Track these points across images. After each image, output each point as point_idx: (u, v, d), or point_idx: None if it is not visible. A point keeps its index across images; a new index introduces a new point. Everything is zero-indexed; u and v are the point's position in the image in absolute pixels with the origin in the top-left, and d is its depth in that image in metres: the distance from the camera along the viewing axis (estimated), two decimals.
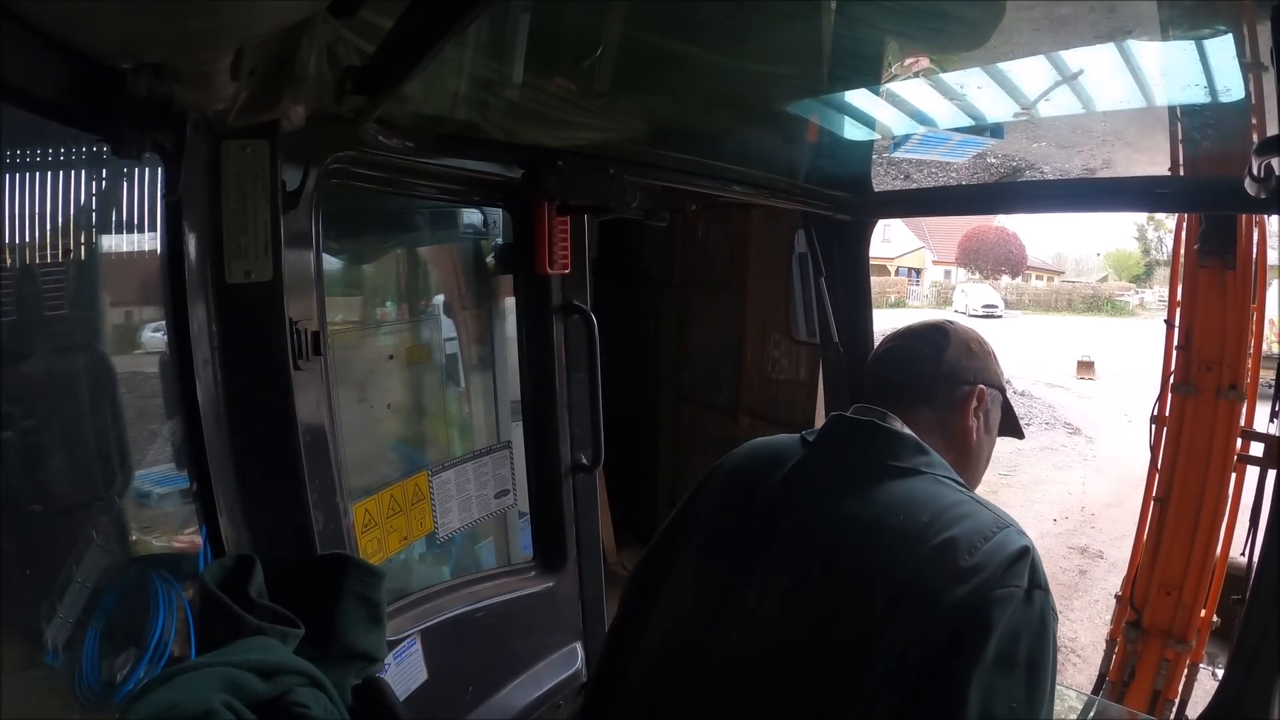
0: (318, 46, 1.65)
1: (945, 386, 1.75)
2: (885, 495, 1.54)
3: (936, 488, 1.55)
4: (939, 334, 1.80)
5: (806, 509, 1.61)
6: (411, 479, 2.75)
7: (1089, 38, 1.90)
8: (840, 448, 1.69)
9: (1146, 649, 4.58)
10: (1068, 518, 13.36)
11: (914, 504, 1.50)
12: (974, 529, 1.43)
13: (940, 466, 1.61)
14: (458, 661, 2.70)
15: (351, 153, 2.16)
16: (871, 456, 1.62)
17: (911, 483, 1.56)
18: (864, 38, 2.16)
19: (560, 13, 2.05)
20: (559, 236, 2.87)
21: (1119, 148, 2.68)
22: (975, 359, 1.80)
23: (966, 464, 1.76)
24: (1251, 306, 4.29)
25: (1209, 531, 4.40)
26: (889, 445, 1.63)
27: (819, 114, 2.66)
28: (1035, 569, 1.41)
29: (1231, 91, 1.96)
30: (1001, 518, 1.48)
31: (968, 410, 1.75)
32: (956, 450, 1.74)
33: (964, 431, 1.75)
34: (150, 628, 1.90)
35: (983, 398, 1.78)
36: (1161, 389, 4.59)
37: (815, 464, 1.68)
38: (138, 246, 2.14)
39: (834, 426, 1.74)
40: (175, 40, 1.39)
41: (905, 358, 1.80)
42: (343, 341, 2.62)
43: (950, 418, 1.75)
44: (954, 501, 1.50)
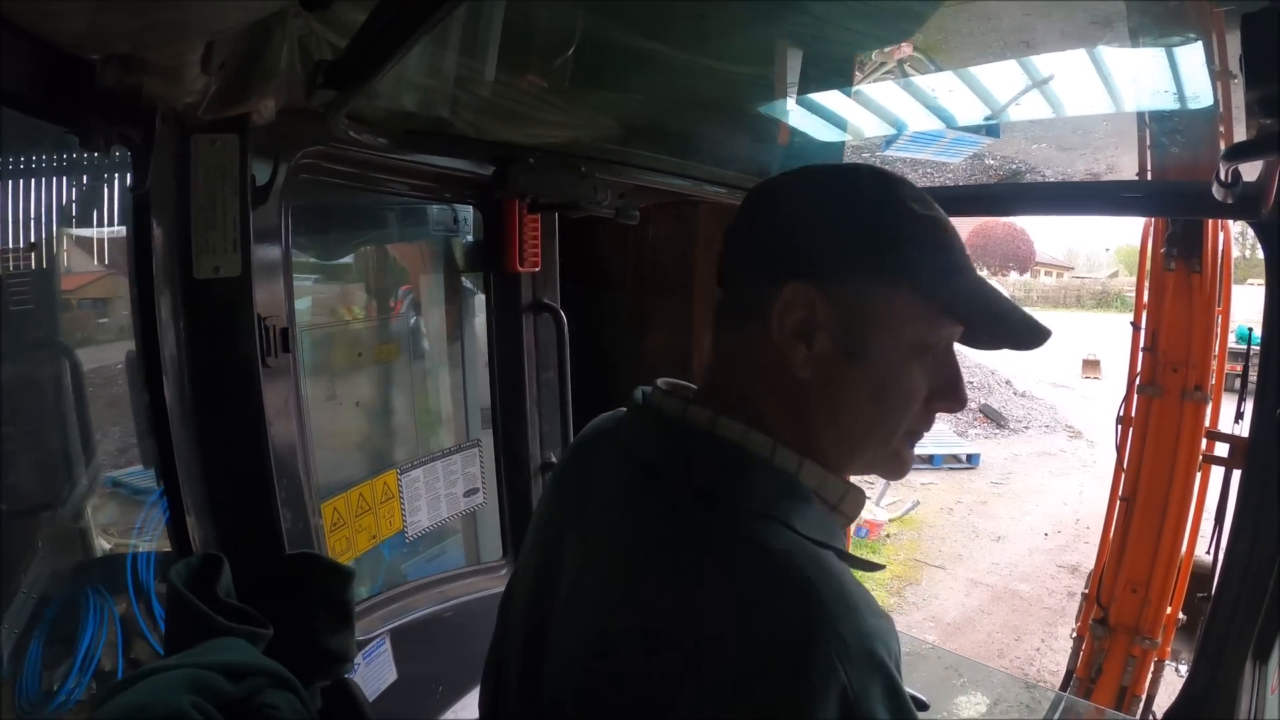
0: (289, 40, 1.64)
1: (765, 288, 1.08)
2: (635, 573, 1.03)
3: (732, 549, 0.98)
4: (797, 187, 1.16)
5: (575, 572, 1.14)
6: (380, 477, 2.74)
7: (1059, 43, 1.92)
8: (625, 462, 1.17)
9: (1113, 646, 4.63)
10: (1060, 531, 12.87)
11: (666, 607, 0.98)
12: (748, 654, 0.91)
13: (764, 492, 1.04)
14: (427, 661, 2.69)
15: (322, 148, 2.14)
16: (658, 481, 1.09)
17: (701, 540, 1.01)
18: (833, 38, 2.17)
19: (532, 10, 2.05)
20: (529, 234, 2.86)
21: (1124, 151, 2.71)
22: (831, 223, 1.10)
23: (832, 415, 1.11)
24: (1217, 309, 4.34)
25: (1175, 530, 4.45)
26: (680, 456, 1.09)
27: (789, 115, 2.67)
28: (851, 712, 0.88)
29: (1200, 98, 1.98)
30: (807, 622, 0.91)
31: (784, 329, 1.07)
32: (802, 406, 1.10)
33: (786, 362, 1.09)
34: (80, 639, 1.88)
35: (811, 301, 1.07)
36: (1128, 390, 4.65)
37: (604, 483, 1.18)
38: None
39: (630, 414, 1.23)
40: (145, 32, 1.37)
41: (742, 237, 1.16)
42: (312, 338, 2.60)
43: (751, 336, 1.11)
44: (742, 585, 0.95)
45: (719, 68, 2.30)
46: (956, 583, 11.18)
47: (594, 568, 1.10)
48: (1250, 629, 2.37)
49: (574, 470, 1.30)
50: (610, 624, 1.03)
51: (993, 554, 12.18)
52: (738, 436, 1.08)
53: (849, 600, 0.94)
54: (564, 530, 1.20)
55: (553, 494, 1.32)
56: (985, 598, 10.72)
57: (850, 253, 1.09)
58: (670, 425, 1.12)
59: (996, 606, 10.39)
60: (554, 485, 1.33)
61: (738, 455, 1.06)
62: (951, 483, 15.38)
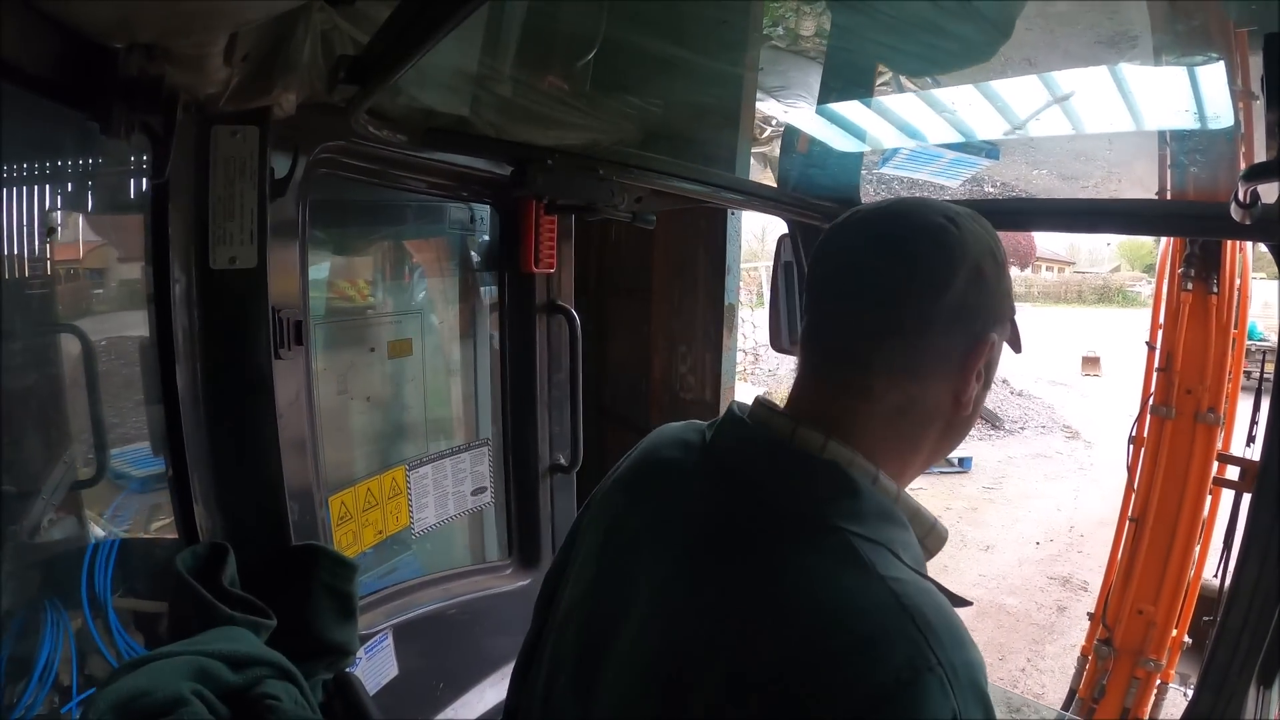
0: (312, 34, 1.65)
1: (939, 347, 1.13)
2: (745, 581, 1.03)
3: (839, 573, 1.00)
4: (939, 246, 1.13)
5: (661, 575, 1.12)
6: (389, 473, 2.74)
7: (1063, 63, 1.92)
8: (721, 477, 1.17)
9: (1117, 667, 4.61)
10: (1053, 540, 12.32)
11: (783, 611, 0.98)
12: (859, 683, 0.92)
13: (872, 516, 1.06)
14: (429, 658, 2.70)
15: (341, 143, 2.15)
16: (759, 498, 1.10)
17: (803, 560, 1.02)
18: (856, 50, 2.17)
19: (555, 11, 2.05)
20: (546, 235, 2.87)
21: (1127, 184, 2.70)
22: (988, 284, 1.15)
23: (944, 445, 1.22)
24: (1233, 332, 4.33)
25: (1183, 552, 4.43)
26: (792, 481, 1.09)
27: (810, 123, 2.67)
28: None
29: (1221, 118, 1.98)
30: (923, 647, 0.93)
31: (970, 374, 1.15)
32: (933, 433, 1.18)
33: (957, 405, 1.16)
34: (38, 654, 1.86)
35: (993, 347, 1.17)
36: (1140, 410, 4.62)
37: (689, 498, 1.18)
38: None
39: (725, 432, 1.22)
40: (169, 22, 1.38)
41: (876, 292, 1.14)
42: (325, 332, 2.60)
43: (939, 390, 1.15)
44: (856, 609, 0.96)
45: (740, 74, 2.30)
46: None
47: (682, 585, 1.09)
48: (1256, 654, 2.36)
49: (651, 480, 1.28)
50: (701, 642, 1.02)
51: (980, 565, 11.77)
52: (845, 462, 1.09)
53: (957, 632, 0.96)
54: (639, 541, 1.20)
55: (623, 501, 1.30)
56: (970, 613, 9.94)
57: (1004, 301, 1.19)
58: (779, 445, 1.13)
59: (981, 623, 9.89)
60: (624, 492, 1.32)
61: (849, 481, 1.08)
62: (942, 488, 14.85)
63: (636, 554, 1.18)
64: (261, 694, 1.50)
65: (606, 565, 1.24)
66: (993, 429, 18.45)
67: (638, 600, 1.13)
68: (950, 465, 15.69)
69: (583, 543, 1.34)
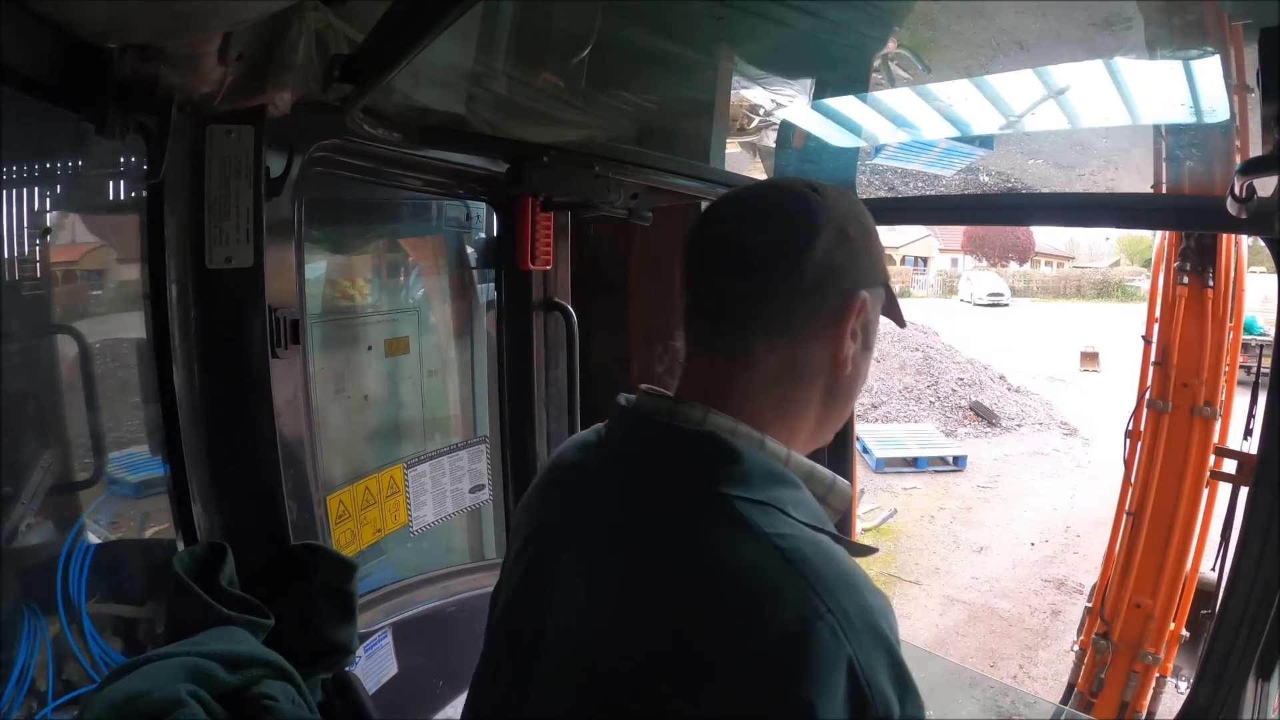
0: (306, 33, 1.65)
1: (810, 305, 1.17)
2: (631, 560, 1.09)
3: (720, 538, 1.03)
4: (800, 207, 1.19)
5: (572, 573, 1.17)
6: (386, 471, 2.75)
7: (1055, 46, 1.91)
8: (616, 467, 1.22)
9: (1115, 660, 4.61)
10: (1048, 541, 12.04)
11: (664, 584, 1.04)
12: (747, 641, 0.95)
13: (756, 479, 1.08)
14: (428, 656, 2.70)
15: (337, 141, 2.15)
16: (651, 477, 1.14)
17: (686, 530, 1.06)
18: (850, 43, 2.16)
19: (550, 9, 2.05)
20: (542, 232, 2.87)
21: (1125, 171, 2.69)
22: (854, 246, 1.20)
23: (832, 407, 1.25)
24: (1229, 326, 4.33)
25: (1180, 546, 4.44)
26: (674, 455, 1.14)
27: (805, 117, 2.67)
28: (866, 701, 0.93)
29: (1216, 112, 1.98)
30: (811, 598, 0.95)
31: (844, 334, 1.19)
32: (815, 396, 1.22)
33: (836, 364, 1.20)
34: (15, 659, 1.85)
35: (864, 307, 1.20)
36: (1137, 404, 4.63)
37: (592, 491, 1.23)
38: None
39: (615, 423, 1.28)
40: (163, 22, 1.38)
41: (745, 257, 1.19)
42: (321, 331, 2.60)
43: (817, 350, 1.19)
44: (738, 570, 0.99)
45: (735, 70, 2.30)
46: (931, 600, 10.52)
47: (592, 576, 1.14)
48: (1254, 647, 2.36)
49: (558, 485, 1.34)
50: (617, 623, 1.06)
51: (973, 567, 11.49)
52: (728, 431, 1.13)
53: (849, 578, 1.00)
54: (552, 542, 1.24)
55: (537, 507, 1.35)
56: (961, 617, 10.03)
57: (875, 264, 1.24)
58: (661, 425, 1.17)
59: (973, 627, 9.72)
60: (537, 501, 1.36)
61: (729, 448, 1.10)
62: (936, 487, 14.71)
63: (552, 555, 1.22)
64: (258, 694, 1.50)
65: (528, 569, 1.27)
66: (989, 426, 18.38)
67: (556, 598, 1.17)
68: (945, 464, 15.59)
69: (509, 551, 1.38)
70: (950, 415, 18.83)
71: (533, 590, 1.23)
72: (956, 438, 17.69)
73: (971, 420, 18.83)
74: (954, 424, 18.55)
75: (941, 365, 20.63)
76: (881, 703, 0.93)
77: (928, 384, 19.91)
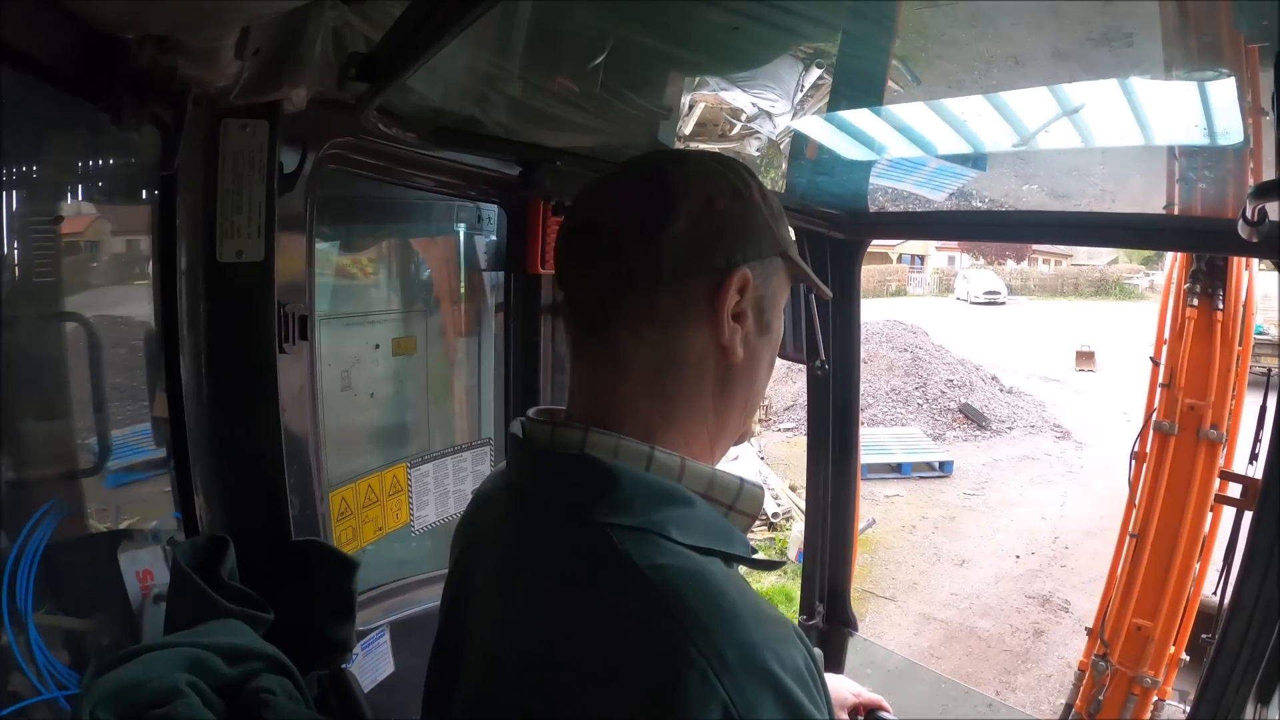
0: (324, 30, 1.65)
1: (676, 288, 1.08)
2: (536, 597, 1.02)
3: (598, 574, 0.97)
4: (657, 181, 1.11)
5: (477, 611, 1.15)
6: (390, 469, 2.75)
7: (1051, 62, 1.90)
8: (511, 499, 1.18)
9: (1114, 682, 4.60)
10: (1034, 553, 11.64)
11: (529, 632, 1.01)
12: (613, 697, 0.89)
13: (639, 501, 1.00)
14: (425, 655, 2.68)
15: (351, 139, 2.16)
16: (537, 511, 1.09)
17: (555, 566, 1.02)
18: (865, 56, 2.16)
19: (567, 13, 2.05)
20: (552, 237, 2.87)
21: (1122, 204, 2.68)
22: (725, 216, 1.10)
23: (731, 402, 1.15)
24: (1237, 349, 4.33)
25: (1183, 569, 4.43)
26: (551, 485, 1.08)
27: (819, 131, 2.67)
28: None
29: (1230, 134, 1.97)
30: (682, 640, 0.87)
31: (722, 314, 1.08)
32: (706, 390, 1.12)
33: (723, 352, 1.10)
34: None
35: (746, 286, 1.09)
36: (1144, 426, 4.63)
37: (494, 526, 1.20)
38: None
39: (509, 460, 1.24)
40: (182, 14, 1.39)
41: (600, 243, 1.10)
42: (329, 328, 2.61)
43: (694, 338, 1.09)
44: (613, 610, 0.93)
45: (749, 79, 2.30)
46: (907, 618, 10.15)
47: (490, 603, 1.11)
48: (1254, 671, 2.36)
49: (473, 518, 1.31)
50: (500, 655, 1.03)
51: (954, 581, 11.13)
52: (609, 451, 1.05)
53: (727, 609, 0.91)
54: (468, 571, 1.21)
55: (458, 541, 1.33)
56: (937, 637, 9.64)
57: (762, 235, 1.13)
58: (539, 454, 1.11)
59: (949, 648, 9.29)
60: (459, 532, 1.34)
61: (606, 472, 1.02)
62: (920, 494, 14.48)
63: (463, 589, 1.21)
64: (257, 687, 1.51)
65: (447, 606, 1.28)
66: (979, 429, 18.13)
67: (468, 634, 1.14)
68: (931, 470, 15.38)
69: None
70: (939, 418, 18.62)
71: (451, 628, 1.24)
72: (944, 441, 17.46)
73: (961, 423, 18.60)
74: (942, 427, 18.33)
75: (930, 366, 20.46)
76: None
77: (915, 385, 19.73)
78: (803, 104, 2.40)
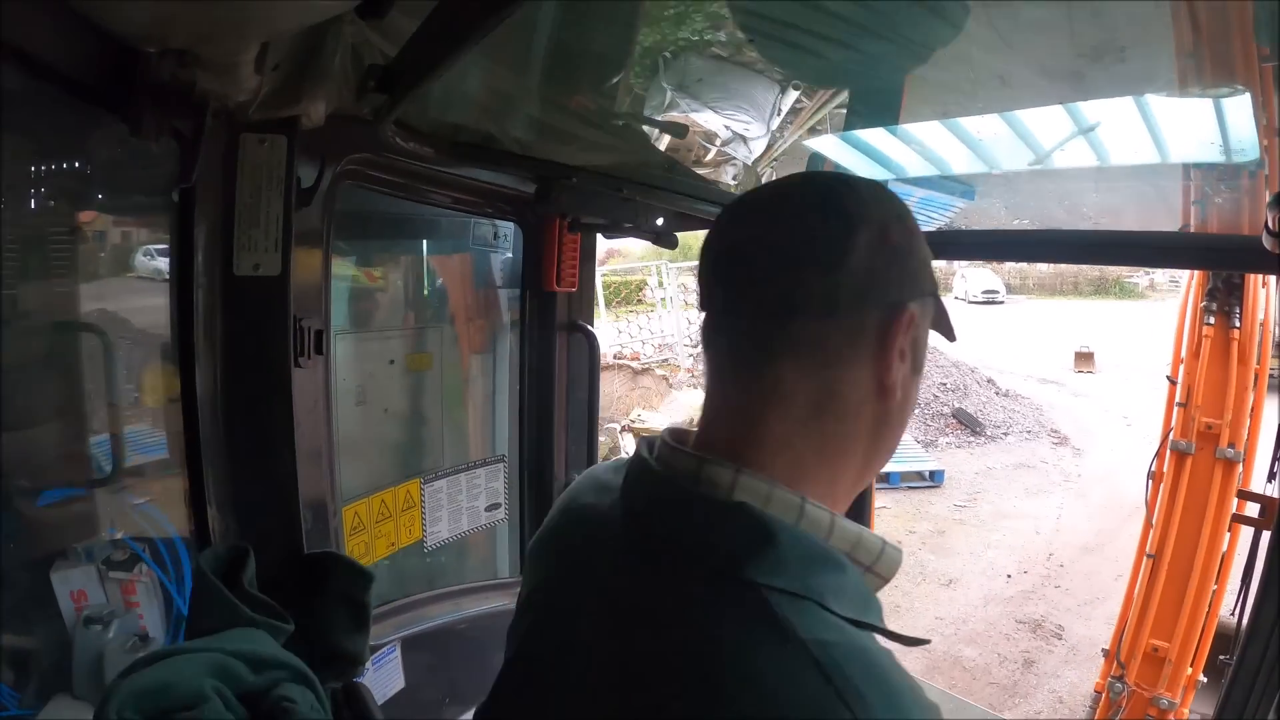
0: (343, 46, 1.67)
1: (850, 321, 0.99)
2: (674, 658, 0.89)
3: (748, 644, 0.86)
4: (832, 213, 1.00)
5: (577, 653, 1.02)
6: (403, 485, 2.75)
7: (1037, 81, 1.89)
8: (634, 534, 1.04)
9: (1131, 704, 4.56)
10: (1026, 572, 10.75)
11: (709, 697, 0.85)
12: None
13: (793, 564, 0.91)
14: (436, 671, 2.69)
15: (368, 154, 2.17)
16: (674, 557, 0.96)
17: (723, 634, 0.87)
18: (880, 74, 2.16)
19: (586, 30, 2.06)
20: (569, 254, 2.88)
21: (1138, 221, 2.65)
22: (898, 250, 1.02)
23: (880, 441, 1.06)
24: (1255, 367, 4.31)
25: (1200, 589, 4.40)
26: (697, 534, 0.96)
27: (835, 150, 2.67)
28: None
29: (1246, 152, 1.97)
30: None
31: (892, 352, 1.00)
32: (861, 430, 1.03)
33: (883, 392, 1.01)
34: None
35: (911, 323, 1.02)
36: (1160, 445, 4.60)
37: (601, 551, 1.07)
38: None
39: (631, 486, 1.09)
40: (202, 28, 1.40)
41: (768, 263, 1.01)
42: (345, 342, 2.62)
43: (858, 376, 1.00)
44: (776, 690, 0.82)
45: None
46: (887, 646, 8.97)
47: (598, 651, 0.98)
48: (1273, 693, 2.33)
49: (571, 537, 1.18)
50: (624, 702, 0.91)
51: (939, 605, 10.18)
52: (761, 499, 0.96)
53: (894, 697, 0.84)
54: (557, 601, 1.12)
55: (546, 560, 1.21)
56: (919, 668, 8.31)
57: (922, 270, 1.05)
58: (685, 493, 0.99)
59: (931, 680, 8.06)
60: (547, 548, 1.23)
61: (763, 527, 0.92)
62: (908, 506, 13.47)
63: (556, 619, 1.10)
64: (279, 696, 1.51)
65: (533, 628, 1.15)
66: (973, 435, 17.40)
67: (560, 668, 1.04)
68: (921, 480, 14.61)
69: (521, 592, 1.24)
70: (930, 424, 17.88)
71: (537, 655, 1.11)
72: (936, 449, 16.74)
73: (954, 429, 17.89)
74: (934, 433, 17.61)
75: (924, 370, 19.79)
76: None
77: None
78: (780, 129, 2.37)
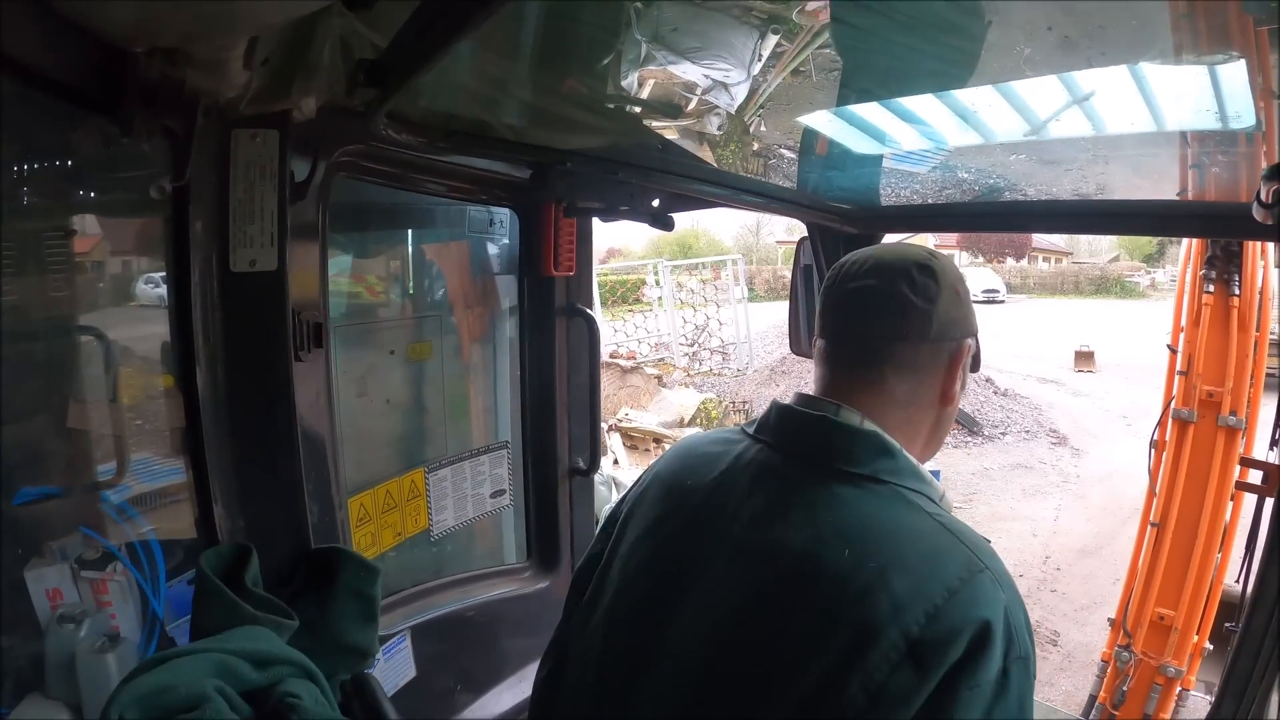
0: (331, 38, 1.65)
1: (934, 348, 1.47)
2: (832, 517, 1.29)
3: (896, 510, 1.30)
4: (926, 275, 1.46)
5: (737, 530, 1.37)
6: (408, 475, 2.76)
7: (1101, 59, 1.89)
8: (781, 450, 1.44)
9: (1138, 673, 4.58)
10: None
11: (866, 535, 1.25)
12: (934, 580, 1.18)
13: (907, 473, 1.36)
14: (447, 659, 2.70)
15: (361, 146, 2.16)
16: (820, 462, 1.37)
17: (868, 501, 1.30)
18: (876, 50, 2.15)
19: (576, 14, 2.05)
20: (565, 238, 2.87)
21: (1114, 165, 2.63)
22: (962, 304, 1.50)
23: (937, 433, 1.56)
24: (1255, 335, 4.30)
25: (1204, 558, 4.40)
26: (844, 447, 1.37)
27: (829, 125, 2.65)
28: (1012, 639, 1.17)
29: (1242, 118, 1.96)
30: (973, 557, 1.23)
31: (957, 371, 1.49)
32: (928, 420, 1.52)
33: (946, 399, 1.50)
34: None
35: (968, 352, 1.51)
36: (1162, 414, 4.60)
37: (751, 472, 1.43)
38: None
39: (775, 420, 1.49)
40: (190, 26, 1.39)
41: (886, 307, 1.46)
42: (344, 335, 2.61)
43: (933, 385, 1.49)
44: (916, 532, 1.27)
45: None
46: None
47: (753, 542, 1.34)
48: (1278, 660, 2.34)
49: (698, 471, 1.52)
50: (782, 589, 1.27)
51: None
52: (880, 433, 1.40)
53: (992, 550, 1.29)
54: (697, 520, 1.44)
55: (669, 492, 1.54)
56: None
57: (971, 317, 1.53)
58: (826, 421, 1.42)
59: None
60: (669, 484, 1.56)
61: (889, 446, 1.38)
62: None
63: (696, 529, 1.43)
64: (283, 692, 1.52)
65: (659, 548, 1.48)
66: (970, 435, 16.93)
67: (703, 569, 1.37)
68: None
69: (625, 537, 1.55)
70: None
71: (667, 569, 1.43)
72: None
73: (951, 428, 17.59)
74: None
75: None
76: (1022, 644, 1.19)
77: None
78: (763, 74, 2.36)
